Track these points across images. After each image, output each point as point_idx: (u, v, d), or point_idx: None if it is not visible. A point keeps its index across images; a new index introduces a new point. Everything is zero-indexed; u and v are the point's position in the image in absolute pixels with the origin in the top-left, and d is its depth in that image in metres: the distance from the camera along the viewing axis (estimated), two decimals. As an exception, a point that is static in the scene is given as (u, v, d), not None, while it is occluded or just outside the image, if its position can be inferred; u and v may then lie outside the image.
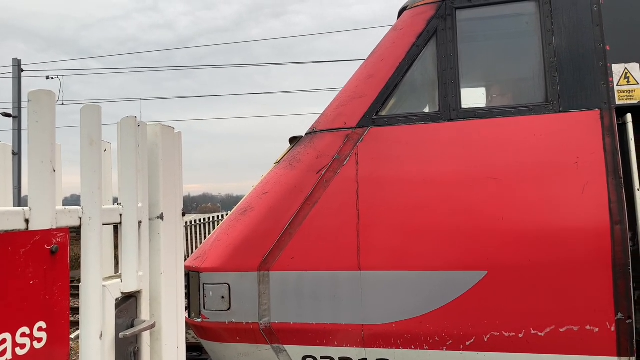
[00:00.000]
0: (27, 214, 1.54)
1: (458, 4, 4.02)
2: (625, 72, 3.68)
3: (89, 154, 1.84)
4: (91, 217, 1.83)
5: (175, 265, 2.41)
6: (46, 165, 1.59)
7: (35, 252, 1.51)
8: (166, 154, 2.38)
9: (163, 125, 2.38)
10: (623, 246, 3.33)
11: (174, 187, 2.47)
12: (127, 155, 2.12)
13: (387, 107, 3.96)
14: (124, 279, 2.06)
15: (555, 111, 3.66)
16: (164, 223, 2.33)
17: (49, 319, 1.54)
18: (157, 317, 2.26)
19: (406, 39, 4.05)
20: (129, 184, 2.11)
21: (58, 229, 1.61)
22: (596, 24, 3.76)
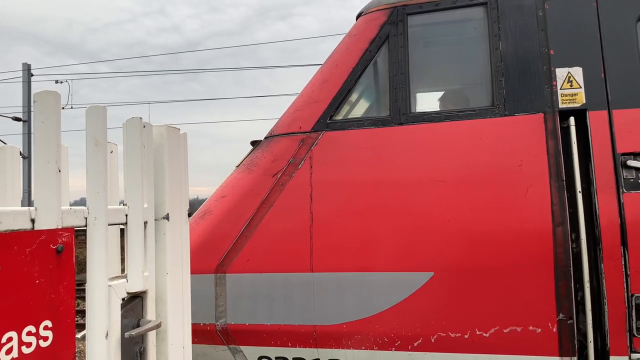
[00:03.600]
0: (33, 213, 1.56)
1: (409, 10, 4.08)
2: (569, 76, 3.72)
3: (94, 155, 1.86)
4: (97, 217, 1.84)
5: (181, 265, 2.42)
6: (51, 165, 1.61)
7: (41, 251, 1.52)
8: (172, 154, 2.39)
9: (168, 126, 2.39)
10: (564, 247, 3.40)
11: (180, 187, 2.48)
12: (132, 156, 2.13)
13: (340, 112, 4.04)
14: (129, 279, 2.07)
15: (501, 115, 3.72)
16: (169, 223, 2.34)
17: (54, 318, 1.56)
18: (162, 317, 2.27)
19: (359, 44, 4.14)
20: (134, 184, 2.12)
21: (64, 228, 1.63)
22: (541, 29, 3.81)
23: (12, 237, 1.42)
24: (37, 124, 1.59)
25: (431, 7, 4.06)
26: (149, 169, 2.24)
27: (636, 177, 3.45)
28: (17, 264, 1.43)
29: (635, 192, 3.41)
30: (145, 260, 2.16)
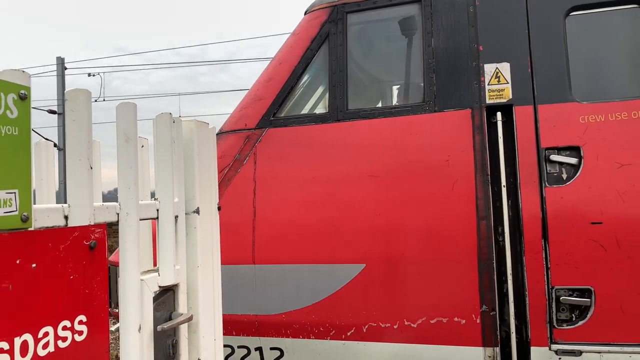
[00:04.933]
0: (66, 210, 1.58)
1: (349, 8, 4.14)
2: (497, 72, 3.75)
3: (125, 151, 1.88)
4: (128, 212, 1.86)
5: (211, 258, 2.44)
6: (83, 162, 1.63)
7: (75, 247, 1.54)
8: (201, 149, 2.41)
9: (197, 121, 2.40)
10: (488, 241, 3.50)
11: (209, 181, 2.49)
12: (163, 151, 2.15)
13: (283, 109, 4.17)
14: (161, 272, 2.09)
15: (431, 111, 3.79)
16: (200, 217, 2.36)
17: (88, 313, 1.58)
18: (194, 309, 2.29)
19: (302, 43, 4.24)
20: (165, 179, 2.14)
21: (96, 224, 1.65)
22: (471, 25, 3.85)
23: (46, 234, 1.45)
24: (69, 122, 1.62)
25: (369, 4, 4.11)
26: (179, 164, 2.26)
27: (559, 171, 3.49)
28: (52, 261, 1.46)
29: (557, 187, 3.46)
30: (176, 254, 2.18)
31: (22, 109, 1.39)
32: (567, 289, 3.41)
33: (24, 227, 1.38)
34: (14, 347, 1.32)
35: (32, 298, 1.39)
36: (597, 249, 3.35)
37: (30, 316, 1.38)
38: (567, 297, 3.40)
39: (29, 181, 1.40)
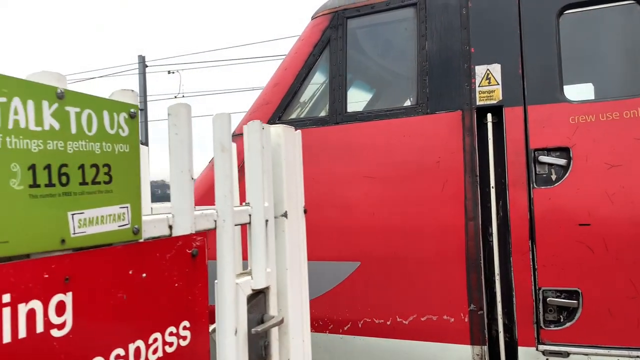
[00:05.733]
0: (170, 220, 1.66)
1: (348, 14, 4.23)
2: (487, 73, 3.74)
3: (221, 160, 1.93)
4: (225, 219, 1.92)
5: (299, 261, 2.48)
6: (185, 174, 1.69)
7: (179, 256, 1.61)
8: (288, 153, 2.44)
9: (284, 126, 2.44)
10: (475, 241, 3.54)
11: (296, 185, 2.53)
12: (253, 157, 2.20)
13: (288, 113, 4.32)
14: (254, 276, 2.15)
15: (424, 113, 3.82)
16: (288, 221, 2.40)
17: (191, 318, 1.65)
18: (284, 311, 2.34)
19: (305, 48, 4.36)
20: (256, 185, 2.19)
21: (197, 233, 1.71)
22: (464, 27, 3.85)
23: (154, 245, 1.52)
24: (172, 135, 1.68)
25: (367, 10, 4.18)
26: (268, 169, 2.30)
27: (548, 172, 3.47)
28: (159, 270, 1.53)
29: (545, 188, 3.44)
30: (267, 257, 2.23)
31: (132, 127, 1.46)
32: (555, 290, 3.41)
33: (135, 239, 1.46)
34: (129, 353, 1.40)
35: (143, 306, 1.46)
36: (585, 250, 3.33)
37: (141, 323, 1.45)
38: (554, 298, 3.40)
39: (139, 195, 1.48)
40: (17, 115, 1.12)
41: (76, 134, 1.27)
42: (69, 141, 1.25)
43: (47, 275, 1.17)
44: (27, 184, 1.14)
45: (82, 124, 1.29)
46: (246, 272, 2.22)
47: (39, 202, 1.16)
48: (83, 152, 1.29)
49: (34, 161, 1.16)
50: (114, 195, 1.38)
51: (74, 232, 1.25)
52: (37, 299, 1.14)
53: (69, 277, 1.22)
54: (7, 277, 1.08)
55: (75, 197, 1.26)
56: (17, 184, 1.11)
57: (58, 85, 1.23)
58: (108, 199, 1.36)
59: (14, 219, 1.10)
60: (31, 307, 1.13)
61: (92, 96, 1.34)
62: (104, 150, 1.36)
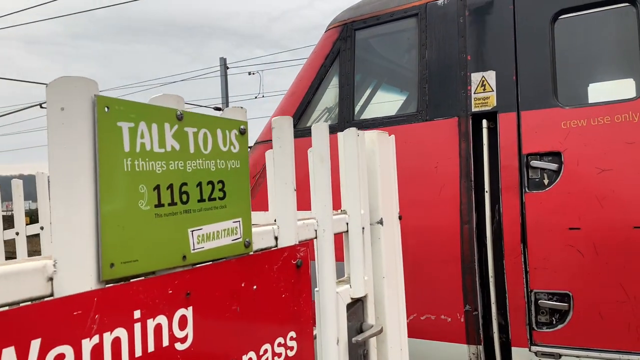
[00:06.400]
0: (276, 231, 1.68)
1: (356, 26, 4.40)
2: (482, 80, 3.80)
3: (320, 171, 1.94)
4: (325, 229, 1.93)
5: (395, 268, 2.45)
6: (289, 186, 1.71)
7: (285, 267, 1.63)
8: (383, 159, 2.41)
9: (379, 132, 2.41)
10: (470, 244, 3.64)
11: (390, 191, 2.49)
12: (349, 165, 2.19)
13: (302, 121, 4.50)
14: (352, 284, 2.15)
15: (424, 120, 3.95)
16: (383, 227, 2.37)
17: (297, 328, 1.67)
18: (381, 319, 2.32)
19: (317, 60, 4.59)
20: (353, 193, 2.18)
21: (301, 243, 1.73)
22: (461, 35, 3.91)
23: (263, 257, 1.55)
24: (276, 148, 1.71)
25: (373, 21, 4.34)
26: (364, 176, 2.29)
27: (540, 177, 3.50)
28: (268, 282, 1.56)
29: (536, 192, 3.48)
30: (364, 265, 2.22)
31: (242, 143, 1.49)
32: (547, 292, 3.46)
33: (246, 252, 1.49)
34: (243, 364, 1.44)
35: (254, 318, 1.49)
36: (575, 254, 3.35)
37: (253, 335, 1.49)
38: (546, 300, 3.45)
39: (249, 209, 1.51)
40: (143, 138, 1.17)
41: (194, 153, 1.32)
42: (188, 160, 1.30)
43: (171, 291, 1.22)
44: (152, 204, 1.19)
45: (199, 143, 1.33)
46: (343, 280, 2.22)
47: (163, 221, 1.21)
48: (200, 170, 1.34)
49: (158, 182, 1.21)
50: (227, 210, 1.42)
51: (193, 248, 1.30)
52: (162, 314, 1.19)
53: (190, 292, 1.27)
54: (137, 294, 1.13)
55: (194, 214, 1.31)
56: (145, 205, 1.17)
57: (177, 107, 1.28)
58: (222, 214, 1.40)
59: (142, 238, 1.15)
60: (158, 322, 1.18)
61: (206, 116, 1.38)
62: (218, 167, 1.40)
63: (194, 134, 1.33)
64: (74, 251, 1.02)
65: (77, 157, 1.03)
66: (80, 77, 1.05)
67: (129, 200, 1.13)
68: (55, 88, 1.02)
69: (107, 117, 1.09)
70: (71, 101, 1.03)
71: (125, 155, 1.13)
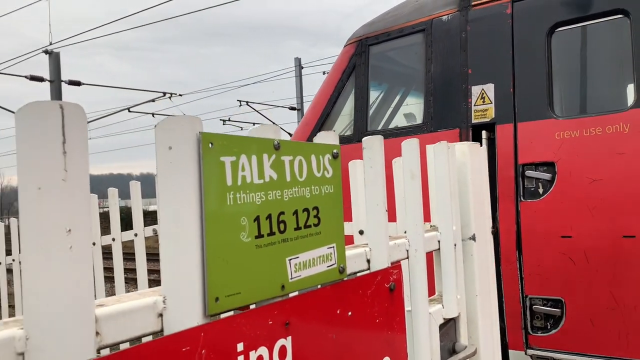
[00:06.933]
0: (368, 254, 1.65)
1: (370, 41, 4.65)
2: (482, 93, 3.93)
3: (411, 188, 1.89)
4: (417, 249, 1.88)
5: (488, 286, 2.35)
6: (380, 207, 1.68)
7: (378, 291, 1.60)
8: (474, 171, 2.32)
9: (470, 143, 2.32)
10: None
11: (482, 205, 2.40)
12: (440, 180, 2.12)
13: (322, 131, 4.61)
14: (445, 304, 2.08)
15: (428, 131, 4.12)
16: (476, 244, 2.28)
17: (392, 354, 1.63)
18: (474, 339, 2.24)
19: (336, 74, 4.86)
20: (444, 209, 2.11)
21: (394, 265, 1.69)
22: (463, 50, 4.06)
23: (357, 282, 1.53)
24: (366, 168, 1.68)
25: (385, 37, 4.58)
26: (454, 190, 2.21)
27: (535, 186, 3.57)
28: (362, 307, 1.53)
29: (531, 201, 3.57)
30: (456, 284, 2.14)
31: (335, 167, 1.47)
32: (540, 298, 3.55)
33: (340, 278, 1.47)
34: (339, 391, 1.42)
35: (350, 344, 1.47)
36: (567, 261, 3.43)
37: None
38: (540, 306, 3.55)
39: (343, 234, 1.49)
40: (243, 171, 1.18)
41: (290, 182, 1.32)
42: (285, 189, 1.30)
43: (271, 322, 1.22)
44: (253, 235, 1.20)
45: (294, 171, 1.33)
46: (435, 299, 2.16)
47: (263, 252, 1.22)
48: (296, 198, 1.33)
49: (258, 213, 1.21)
50: (322, 236, 1.41)
51: (291, 277, 1.29)
52: (263, 345, 1.20)
53: (289, 322, 1.27)
54: (240, 326, 1.14)
55: (291, 242, 1.30)
56: (246, 237, 1.17)
57: (274, 137, 1.28)
58: (318, 241, 1.39)
59: (244, 270, 1.16)
60: (259, 353, 1.18)
61: (301, 143, 1.38)
62: (313, 193, 1.39)
63: (290, 162, 1.32)
64: (182, 287, 1.05)
65: (184, 194, 1.05)
66: (186, 116, 1.07)
67: (232, 233, 1.14)
68: (163, 128, 1.04)
69: (211, 153, 1.11)
70: (178, 140, 1.05)
71: (228, 189, 1.14)
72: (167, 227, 1.05)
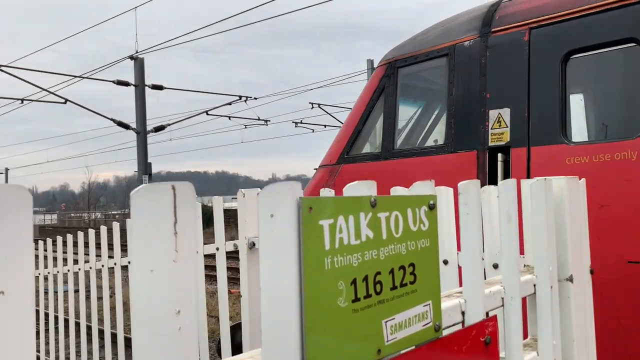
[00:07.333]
0: (463, 306, 1.58)
1: (399, 64, 4.87)
2: (499, 117, 4.04)
3: (507, 232, 1.79)
4: (512, 296, 1.78)
5: (585, 330, 2.19)
6: (476, 256, 1.60)
7: (473, 346, 1.52)
8: (572, 208, 2.17)
9: (568, 177, 2.17)
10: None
11: (580, 243, 2.24)
12: (538, 218, 2.00)
13: (353, 150, 5.10)
14: (540, 351, 1.96)
15: (449, 152, 4.29)
16: (573, 285, 2.13)
17: (486, 412, 1.55)
18: (570, 388, 2.09)
19: (367, 94, 5.10)
20: (541, 250, 1.99)
21: (489, 318, 1.60)
22: (482, 74, 4.19)
23: (452, 338, 1.46)
24: (462, 215, 1.61)
25: (412, 60, 4.79)
26: (551, 228, 2.08)
27: None
28: (457, 364, 1.46)
29: None
30: (552, 329, 2.01)
31: (431, 219, 1.41)
32: None
33: (436, 336, 1.41)
34: None
35: (444, 405, 1.41)
36: None
37: None
38: None
39: (439, 289, 1.43)
40: (341, 233, 1.15)
41: (386, 239, 1.27)
42: (381, 247, 1.25)
43: (366, 388, 1.18)
44: (350, 299, 1.16)
45: (390, 228, 1.28)
46: (528, 344, 2.04)
47: (359, 316, 1.18)
48: (392, 256, 1.28)
49: (354, 275, 1.18)
50: (418, 294, 1.35)
51: (387, 340, 1.25)
52: (359, 412, 1.16)
53: (384, 387, 1.22)
54: (337, 395, 1.11)
55: (387, 303, 1.26)
56: (343, 302, 1.14)
57: (370, 193, 1.24)
58: (413, 300, 1.34)
59: (341, 336, 1.13)
60: (356, 422, 1.15)
61: (397, 197, 1.33)
62: (409, 249, 1.34)
63: (386, 218, 1.28)
64: (281, 353, 1.03)
65: (284, 262, 1.04)
66: (286, 182, 1.06)
67: (330, 299, 1.11)
68: (266, 196, 1.03)
69: (311, 218, 1.08)
70: (279, 207, 1.03)
71: (326, 254, 1.11)
72: (268, 294, 1.03)
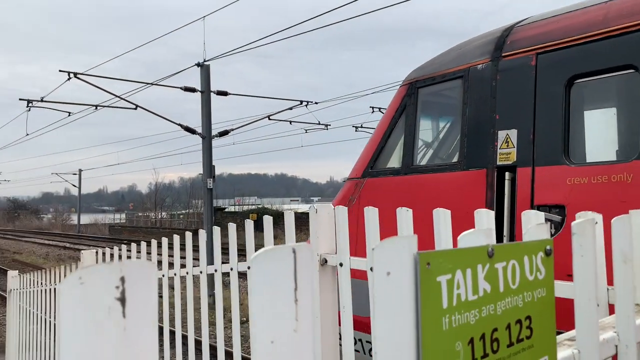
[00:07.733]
0: (577, 357, 1.44)
1: (419, 84, 5.10)
2: (507, 137, 4.29)
3: (623, 273, 1.63)
4: (628, 344, 1.61)
5: None
6: (591, 302, 1.46)
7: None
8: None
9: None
10: None
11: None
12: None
13: (377, 164, 5.34)
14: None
15: (461, 169, 4.57)
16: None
17: None
18: None
19: (390, 112, 5.35)
20: None
21: (604, 370, 1.46)
22: (492, 96, 4.46)
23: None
24: (576, 258, 1.47)
25: (431, 81, 5.01)
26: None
27: (550, 227, 3.33)
28: None
29: None
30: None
31: (548, 266, 1.29)
32: None
33: (551, 394, 1.28)
34: None
35: None
36: (571, 301, 3.57)
37: None
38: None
39: (555, 342, 1.30)
40: (458, 289, 1.06)
41: (503, 292, 1.17)
42: (498, 301, 1.15)
43: None
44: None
45: (507, 279, 1.18)
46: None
47: (477, 378, 1.08)
48: (509, 310, 1.18)
49: (472, 334, 1.08)
50: (534, 350, 1.24)
51: (504, 403, 1.14)
52: None
53: None
54: None
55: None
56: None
57: (488, 242, 1.14)
58: (529, 356, 1.22)
59: (458, 402, 1.04)
60: None
61: (514, 244, 1.22)
62: (525, 300, 1.22)
63: (503, 268, 1.17)
64: None
65: (400, 323, 0.96)
66: (403, 237, 0.98)
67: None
68: (381, 252, 0.96)
69: (428, 274, 1.00)
70: (395, 264, 0.96)
71: (443, 313, 1.02)
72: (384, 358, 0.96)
